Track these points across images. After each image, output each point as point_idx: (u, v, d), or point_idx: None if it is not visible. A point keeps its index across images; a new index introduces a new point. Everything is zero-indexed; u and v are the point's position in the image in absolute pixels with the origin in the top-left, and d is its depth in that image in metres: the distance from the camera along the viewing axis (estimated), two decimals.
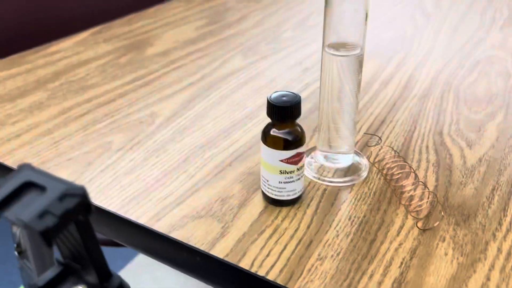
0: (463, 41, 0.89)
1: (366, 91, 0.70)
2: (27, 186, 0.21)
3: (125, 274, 1.37)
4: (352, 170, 0.51)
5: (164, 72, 0.77)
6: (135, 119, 0.63)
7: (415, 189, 0.48)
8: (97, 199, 0.48)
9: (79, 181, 0.51)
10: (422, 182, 0.49)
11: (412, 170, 0.51)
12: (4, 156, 0.55)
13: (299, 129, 0.44)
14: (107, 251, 0.37)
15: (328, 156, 0.51)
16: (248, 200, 0.47)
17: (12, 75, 0.75)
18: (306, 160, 0.53)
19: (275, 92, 0.43)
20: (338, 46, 0.45)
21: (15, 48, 0.91)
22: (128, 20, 1.01)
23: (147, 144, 0.57)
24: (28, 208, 0.20)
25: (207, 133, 0.59)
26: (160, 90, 0.71)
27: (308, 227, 0.44)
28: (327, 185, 0.50)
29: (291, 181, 0.45)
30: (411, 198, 0.47)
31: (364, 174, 0.51)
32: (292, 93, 0.43)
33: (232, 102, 0.67)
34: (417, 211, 0.46)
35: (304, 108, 0.65)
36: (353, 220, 0.45)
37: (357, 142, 0.58)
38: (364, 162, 0.53)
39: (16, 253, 1.16)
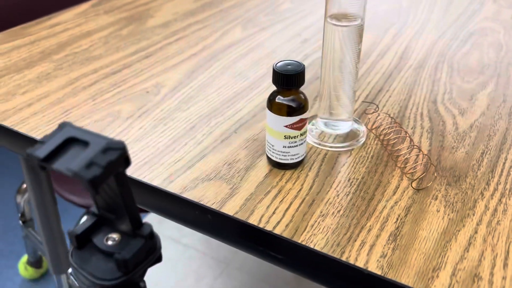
0: (458, 13, 0.91)
1: (364, 61, 0.73)
2: (71, 141, 0.24)
3: None
4: (351, 136, 0.55)
5: (166, 43, 0.78)
6: (141, 89, 0.65)
7: (410, 153, 0.52)
8: None
9: None
10: (416, 146, 0.53)
11: (407, 135, 0.54)
12: (17, 124, 0.57)
13: (303, 97, 0.47)
14: None
15: (328, 123, 0.54)
16: (254, 164, 0.50)
17: (16, 46, 0.77)
18: (308, 126, 0.56)
19: (280, 61, 0.46)
20: (340, 17, 0.47)
21: (15, 21, 0.91)
22: None
23: (155, 113, 0.60)
24: (75, 160, 0.23)
25: (211, 103, 0.62)
26: (163, 61, 0.73)
27: (311, 188, 0.47)
28: (328, 150, 0.53)
29: (294, 146, 0.48)
30: (406, 161, 0.51)
31: (362, 139, 0.54)
32: (297, 62, 0.46)
33: (234, 72, 0.69)
34: (411, 172, 0.49)
35: None
36: (352, 182, 0.48)
37: (356, 110, 0.60)
38: (362, 128, 0.56)
39: (20, 222, 1.19)
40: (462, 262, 0.40)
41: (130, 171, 0.50)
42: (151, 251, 0.28)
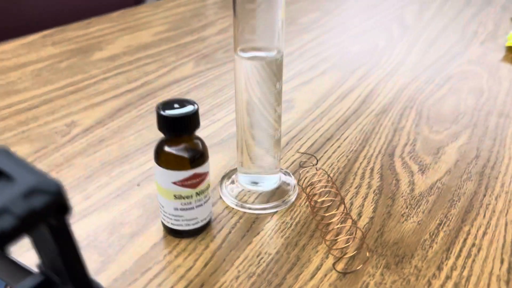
0: (439, 55, 0.81)
1: (317, 105, 0.63)
2: None
3: None
4: (278, 194, 0.44)
5: (103, 77, 0.70)
6: (51, 128, 0.56)
7: (341, 223, 0.41)
8: None
9: None
10: (349, 214, 0.42)
11: (342, 201, 0.43)
12: None
13: (199, 145, 0.37)
14: None
15: (249, 179, 0.44)
16: (144, 229, 0.40)
17: None
18: (227, 182, 0.45)
19: (166, 101, 0.36)
20: (249, 49, 0.38)
21: None
22: (86, 24, 0.95)
23: (53, 157, 0.50)
24: None
25: (125, 147, 0.52)
26: (91, 97, 0.64)
27: (206, 265, 0.37)
28: (245, 212, 0.42)
29: (189, 209, 0.37)
30: (336, 233, 0.40)
31: (291, 200, 0.44)
32: (187, 100, 0.36)
33: None
34: (340, 249, 0.38)
35: None
36: (263, 258, 0.37)
37: (293, 162, 0.50)
38: (293, 185, 0.45)
39: None
40: None
41: None
42: None
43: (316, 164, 0.49)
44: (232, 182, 0.45)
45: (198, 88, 0.68)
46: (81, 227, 0.40)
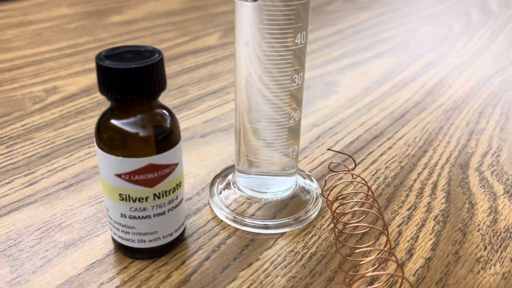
0: None
1: (367, 92, 0.48)
2: None
3: None
4: (290, 207, 0.30)
5: (111, 42, 0.59)
6: (28, 92, 0.45)
7: (379, 265, 0.26)
8: None
9: None
10: (394, 255, 0.27)
11: (385, 231, 0.28)
12: None
13: (165, 118, 0.24)
14: None
15: (251, 181, 0.31)
16: (87, 239, 0.28)
17: None
18: (221, 184, 0.32)
19: (113, 48, 0.23)
20: None
21: None
22: None
23: (13, 127, 0.39)
24: None
25: None
26: (87, 62, 0.53)
27: None
28: (238, 229, 0.29)
29: (143, 217, 0.25)
30: (369, 281, 0.25)
31: (309, 217, 0.30)
32: (146, 47, 0.23)
33: (173, 85, 0.48)
34: None
35: None
36: None
37: (322, 163, 0.36)
38: (315, 196, 0.31)
39: None
40: None
41: None
42: None
43: (353, 169, 0.35)
44: (228, 185, 0.32)
45: (219, 61, 0.55)
46: (5, 224, 0.28)
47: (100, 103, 0.44)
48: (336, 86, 0.50)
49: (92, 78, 0.49)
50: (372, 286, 0.25)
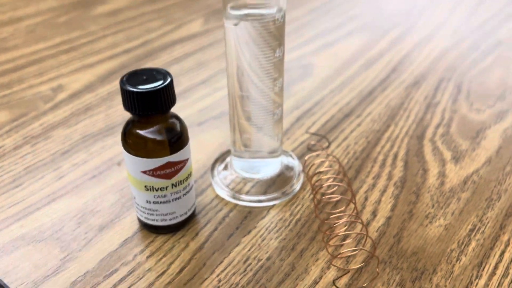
0: (487, 15, 0.70)
1: (339, 72, 0.55)
2: None
3: None
4: (278, 183, 0.37)
5: (102, 35, 0.63)
6: (36, 92, 0.50)
7: (349, 226, 0.34)
8: None
9: None
10: (360, 219, 0.35)
11: (352, 199, 0.36)
12: None
13: (176, 125, 0.30)
14: None
15: (243, 163, 0.37)
16: (117, 220, 0.34)
17: None
18: (220, 167, 0.39)
19: (131, 72, 0.29)
20: (241, 6, 0.30)
21: None
22: None
23: (31, 127, 0.45)
24: None
25: (112, 117, 0.46)
26: (85, 57, 0.58)
27: (181, 270, 0.31)
28: (237, 205, 0.36)
29: (164, 202, 0.31)
30: (342, 238, 0.33)
31: (294, 190, 0.37)
32: (158, 70, 0.29)
33: None
34: (345, 258, 0.31)
35: None
36: (250, 264, 0.31)
37: (302, 142, 0.43)
38: (297, 172, 0.38)
39: None
40: None
41: None
42: None
43: (327, 147, 0.42)
44: (226, 167, 0.39)
45: (205, 49, 0.60)
46: (47, 214, 0.35)
47: (104, 98, 0.49)
48: (311, 68, 0.56)
49: (92, 74, 0.54)
50: (344, 242, 0.32)
